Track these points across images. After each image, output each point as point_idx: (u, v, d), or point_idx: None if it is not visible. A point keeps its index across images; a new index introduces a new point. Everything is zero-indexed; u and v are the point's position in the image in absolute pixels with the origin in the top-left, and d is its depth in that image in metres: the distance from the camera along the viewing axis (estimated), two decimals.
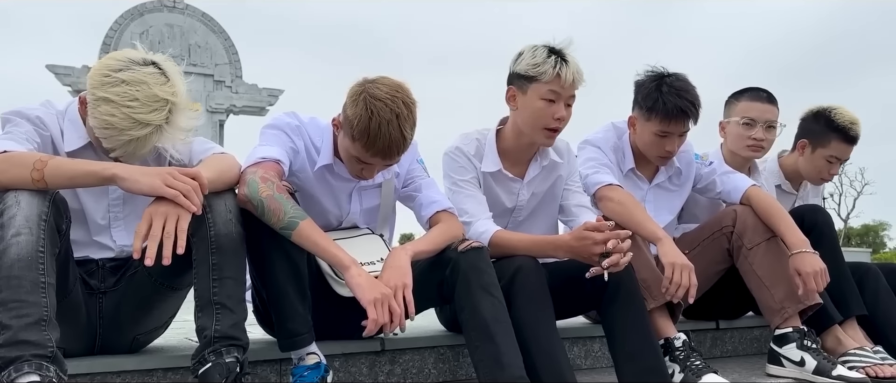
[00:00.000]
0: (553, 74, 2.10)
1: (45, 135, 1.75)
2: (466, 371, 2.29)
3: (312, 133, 1.99)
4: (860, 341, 2.45)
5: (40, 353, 1.38)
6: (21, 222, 1.46)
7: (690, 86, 2.38)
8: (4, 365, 1.36)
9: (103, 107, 1.62)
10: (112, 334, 1.87)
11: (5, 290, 1.41)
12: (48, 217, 1.50)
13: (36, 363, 1.37)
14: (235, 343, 1.59)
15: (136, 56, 1.68)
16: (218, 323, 1.58)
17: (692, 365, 2.07)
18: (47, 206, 1.51)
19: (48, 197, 1.52)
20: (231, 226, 1.65)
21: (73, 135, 1.78)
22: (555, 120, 2.15)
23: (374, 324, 1.67)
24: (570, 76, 2.10)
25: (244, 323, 1.65)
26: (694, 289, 2.08)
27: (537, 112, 2.16)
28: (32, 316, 1.41)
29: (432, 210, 2.06)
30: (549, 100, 2.14)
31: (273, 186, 1.72)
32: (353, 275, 1.71)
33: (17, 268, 1.42)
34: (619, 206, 2.29)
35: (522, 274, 1.93)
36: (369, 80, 1.82)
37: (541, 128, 2.18)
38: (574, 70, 2.12)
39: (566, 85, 2.11)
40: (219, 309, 1.59)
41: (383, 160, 1.83)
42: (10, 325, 1.39)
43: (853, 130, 2.78)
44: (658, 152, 2.44)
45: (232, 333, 1.59)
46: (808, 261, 2.27)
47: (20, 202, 1.48)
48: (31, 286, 1.43)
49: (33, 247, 1.45)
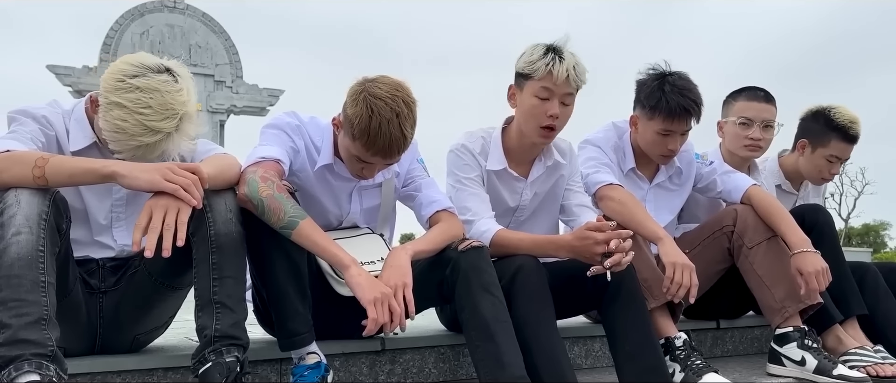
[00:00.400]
0: (545, 71, 2.10)
1: (50, 134, 1.76)
2: (467, 370, 2.29)
3: (312, 132, 1.99)
4: (861, 340, 2.46)
5: (40, 352, 1.39)
6: (21, 221, 1.46)
7: (693, 84, 2.38)
8: (4, 364, 1.36)
9: (116, 112, 1.62)
10: (112, 334, 1.87)
11: (5, 289, 1.41)
12: (48, 216, 1.50)
13: (36, 362, 1.37)
14: (236, 342, 1.59)
15: (151, 62, 1.69)
16: (218, 322, 1.58)
17: (693, 364, 2.07)
18: (48, 206, 1.51)
19: (49, 196, 1.52)
20: (231, 226, 1.65)
21: (78, 135, 1.78)
22: (548, 117, 2.14)
23: (374, 324, 1.67)
24: (562, 73, 2.09)
25: (244, 323, 1.65)
26: (695, 289, 2.08)
27: (531, 109, 2.16)
28: (32, 315, 1.41)
29: (432, 209, 2.06)
30: (543, 98, 2.14)
31: (273, 186, 1.72)
32: (353, 275, 1.71)
33: (17, 267, 1.43)
34: (619, 206, 2.29)
35: (523, 273, 1.93)
36: (369, 79, 1.82)
37: (535, 125, 2.18)
38: (568, 67, 2.10)
39: (558, 82, 2.10)
40: (219, 309, 1.59)
41: (384, 159, 1.83)
42: (10, 324, 1.39)
43: (853, 129, 2.78)
44: (660, 151, 2.44)
45: (232, 332, 1.59)
46: (810, 261, 2.26)
47: (20, 201, 1.48)
48: (31, 285, 1.43)
49: (33, 247, 1.45)
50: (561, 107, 2.15)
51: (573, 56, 2.14)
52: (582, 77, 2.15)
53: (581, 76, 2.14)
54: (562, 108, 2.15)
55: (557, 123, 2.17)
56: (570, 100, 2.17)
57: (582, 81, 2.16)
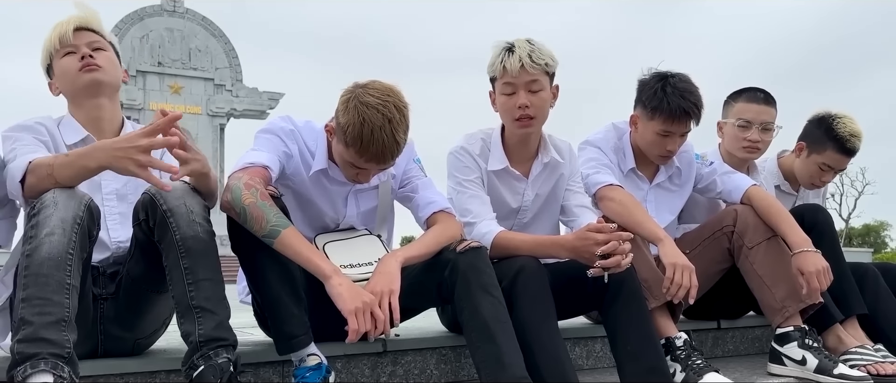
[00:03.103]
0: (501, 68, 2.15)
1: (45, 139, 1.84)
2: (468, 371, 2.29)
3: (307, 137, 1.99)
4: (861, 339, 2.46)
5: (57, 353, 1.40)
6: (56, 223, 1.49)
7: (694, 86, 2.39)
8: (22, 360, 1.38)
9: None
10: (114, 339, 1.88)
11: (32, 287, 1.44)
12: (82, 220, 1.53)
13: (52, 362, 1.38)
14: (223, 343, 1.57)
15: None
16: (201, 326, 1.57)
17: (693, 364, 2.07)
18: (82, 210, 1.54)
19: (84, 201, 1.56)
20: (196, 227, 1.64)
21: (70, 132, 1.89)
22: (517, 109, 2.17)
23: (354, 334, 1.66)
24: (515, 64, 2.12)
25: (228, 322, 1.63)
26: (695, 290, 2.09)
27: (502, 106, 2.22)
28: (54, 315, 1.43)
29: (429, 210, 2.06)
30: (508, 93, 2.18)
31: (257, 193, 1.72)
32: (334, 285, 1.70)
33: (46, 266, 1.45)
34: (619, 206, 2.29)
35: (524, 274, 1.93)
36: (360, 85, 1.81)
37: (510, 120, 2.22)
38: (521, 56, 2.12)
39: (514, 73, 2.13)
40: (199, 314, 1.58)
41: (378, 165, 1.83)
42: (32, 322, 1.41)
43: (851, 143, 2.75)
44: (659, 151, 2.45)
45: (217, 334, 1.58)
46: (811, 260, 2.27)
47: (57, 203, 1.52)
48: (57, 286, 1.45)
49: (64, 249, 1.48)
50: (530, 96, 2.16)
51: (528, 44, 2.15)
52: (540, 61, 2.14)
53: (539, 61, 2.14)
54: (531, 97, 2.16)
55: (531, 112, 2.17)
56: (537, 86, 2.17)
57: (542, 65, 2.15)
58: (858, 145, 2.78)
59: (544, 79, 2.18)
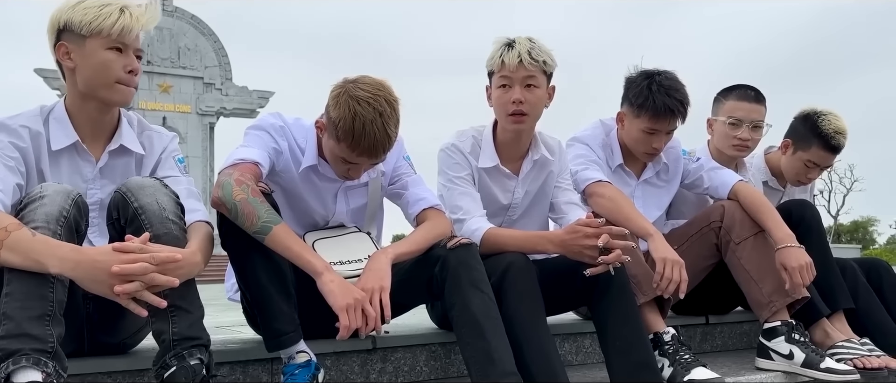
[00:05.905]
0: (499, 62, 2.17)
1: (23, 146, 1.72)
2: (458, 368, 2.30)
3: (297, 133, 1.99)
4: (848, 333, 2.48)
5: (40, 348, 1.37)
6: (42, 217, 1.48)
7: (680, 84, 2.40)
8: (4, 357, 1.35)
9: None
10: (100, 340, 1.87)
11: (15, 282, 1.42)
12: (69, 215, 1.52)
13: (35, 357, 1.36)
14: (196, 342, 1.55)
15: None
16: (174, 325, 1.54)
17: (681, 359, 2.08)
18: (69, 205, 1.53)
19: (72, 196, 1.54)
20: (168, 224, 1.60)
21: (59, 134, 1.78)
22: (511, 103, 2.19)
23: (345, 331, 1.67)
24: (513, 59, 2.14)
25: (202, 321, 1.61)
26: (685, 285, 2.10)
27: (497, 100, 2.23)
28: (37, 309, 1.40)
29: (419, 207, 2.07)
30: (503, 87, 2.20)
31: (248, 189, 1.72)
32: (326, 282, 1.71)
33: None
34: (609, 202, 2.31)
35: (513, 271, 1.94)
36: (350, 80, 1.82)
37: (504, 114, 2.23)
38: (520, 52, 2.14)
39: (512, 68, 2.15)
40: (173, 312, 1.55)
41: (369, 159, 1.83)
42: (13, 317, 1.38)
43: (836, 140, 2.76)
44: (645, 148, 2.46)
45: (190, 333, 1.55)
46: (794, 256, 2.29)
47: (44, 197, 1.51)
48: (41, 280, 1.43)
49: None
50: (525, 92, 2.18)
51: (528, 42, 2.18)
52: (539, 58, 2.16)
53: (538, 58, 2.16)
54: (526, 93, 2.18)
55: (525, 108, 2.19)
56: (534, 82, 2.19)
57: (541, 63, 2.17)
58: (843, 142, 2.79)
59: (541, 77, 2.19)
